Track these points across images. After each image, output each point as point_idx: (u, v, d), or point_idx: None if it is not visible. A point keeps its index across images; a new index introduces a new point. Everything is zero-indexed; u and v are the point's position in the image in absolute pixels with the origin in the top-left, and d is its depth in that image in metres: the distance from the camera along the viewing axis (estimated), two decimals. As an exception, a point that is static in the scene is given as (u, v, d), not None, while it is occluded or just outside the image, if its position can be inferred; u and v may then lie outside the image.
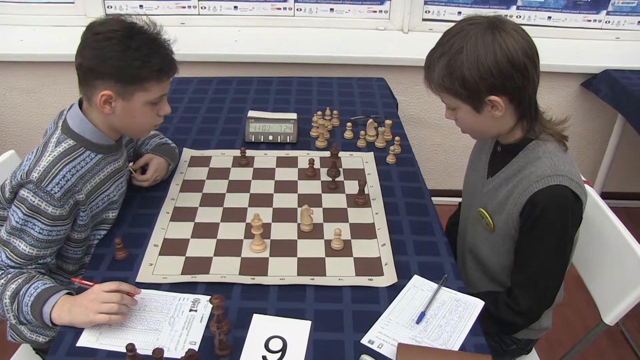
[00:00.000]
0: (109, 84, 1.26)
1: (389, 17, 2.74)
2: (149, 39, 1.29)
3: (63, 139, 1.32)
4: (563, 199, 1.24)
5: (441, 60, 1.24)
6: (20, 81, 2.64)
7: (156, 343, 1.14)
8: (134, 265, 1.33)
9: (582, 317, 2.29)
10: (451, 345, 1.15)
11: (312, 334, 1.17)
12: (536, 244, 1.29)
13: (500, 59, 1.18)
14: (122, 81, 1.26)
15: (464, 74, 1.20)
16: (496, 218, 1.37)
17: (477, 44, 1.19)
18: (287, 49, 2.56)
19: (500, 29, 1.20)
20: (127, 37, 1.25)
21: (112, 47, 1.23)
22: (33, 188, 1.25)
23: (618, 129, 2.67)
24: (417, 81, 2.66)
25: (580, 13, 2.70)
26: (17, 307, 1.22)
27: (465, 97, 1.25)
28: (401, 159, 1.79)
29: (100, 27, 1.26)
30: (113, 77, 1.25)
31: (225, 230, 1.46)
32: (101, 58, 1.24)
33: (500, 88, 1.21)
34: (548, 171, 1.25)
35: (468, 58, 1.19)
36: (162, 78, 1.32)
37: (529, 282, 1.33)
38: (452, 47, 1.22)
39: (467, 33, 1.21)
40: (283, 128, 1.86)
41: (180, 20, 2.71)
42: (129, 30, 1.26)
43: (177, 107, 2.10)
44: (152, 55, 1.27)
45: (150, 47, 1.28)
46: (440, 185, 3.01)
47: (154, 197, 1.58)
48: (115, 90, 1.26)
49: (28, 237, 1.27)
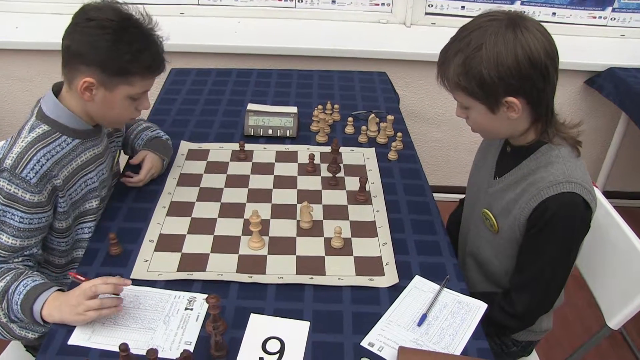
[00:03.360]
0: (93, 72, 1.23)
1: (391, 10, 2.71)
2: (143, 33, 1.26)
3: (37, 124, 1.29)
4: (573, 206, 1.20)
5: (457, 57, 1.18)
6: (15, 70, 2.60)
7: (150, 342, 1.11)
8: (128, 261, 1.30)
9: (582, 317, 2.27)
10: (453, 349, 1.13)
11: (310, 335, 1.14)
12: (540, 249, 1.26)
13: (522, 59, 1.13)
14: (108, 72, 1.24)
15: (482, 73, 1.15)
16: (501, 220, 1.33)
17: (497, 42, 1.13)
18: (287, 41, 2.53)
19: (521, 26, 1.14)
20: (121, 28, 1.22)
21: (104, 37, 1.21)
22: (7, 176, 1.22)
23: (621, 127, 2.64)
24: (418, 76, 2.63)
25: (586, 10, 2.66)
26: (6, 306, 1.19)
27: (481, 97, 1.20)
28: (403, 155, 1.76)
29: (94, 13, 1.23)
30: (99, 66, 1.23)
31: (223, 227, 1.42)
32: (91, 45, 1.21)
33: (518, 89, 1.16)
34: (560, 177, 1.20)
35: (487, 56, 1.13)
36: (149, 76, 1.31)
37: (527, 287, 1.30)
38: (470, 44, 1.16)
39: (486, 30, 1.15)
40: (283, 122, 1.83)
41: (180, 10, 2.67)
42: (124, 21, 1.23)
43: (174, 98, 2.06)
44: (143, 52, 1.25)
45: (143, 43, 1.25)
46: (440, 181, 2.98)
47: (150, 191, 1.54)
48: (98, 79, 1.24)
49: (9, 228, 1.24)
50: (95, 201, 1.42)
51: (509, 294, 1.33)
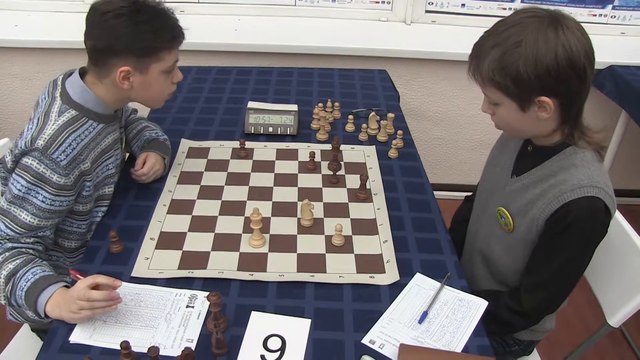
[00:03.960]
0: (125, 60, 1.29)
1: (392, 8, 2.70)
2: (155, 11, 1.31)
3: (65, 109, 1.31)
4: (595, 211, 1.19)
5: (494, 51, 1.14)
6: (15, 68, 2.59)
7: (152, 340, 1.11)
8: (129, 259, 1.30)
9: (582, 316, 2.27)
10: (454, 346, 1.13)
11: (311, 332, 1.14)
12: (557, 251, 1.25)
13: (561, 59, 1.09)
14: (138, 55, 1.29)
15: (519, 70, 1.11)
16: (518, 220, 1.31)
17: (538, 39, 1.09)
18: (288, 39, 2.52)
19: (563, 25, 1.10)
20: (134, 11, 1.27)
21: (123, 24, 1.26)
22: (38, 155, 1.24)
23: (621, 125, 2.63)
24: (419, 73, 2.63)
25: (586, 7, 2.66)
26: (10, 289, 1.19)
27: (513, 94, 1.16)
28: (403, 153, 1.76)
29: (106, 7, 1.27)
30: (129, 52, 1.28)
31: (224, 224, 1.42)
32: (114, 35, 1.26)
33: (554, 90, 1.13)
34: (585, 181, 1.18)
35: (526, 53, 1.10)
36: (174, 46, 1.36)
37: (539, 287, 1.30)
38: (509, 39, 1.12)
39: (527, 26, 1.11)
40: (283, 120, 1.83)
41: (180, 8, 2.66)
42: (134, 4, 1.28)
43: (175, 96, 2.05)
44: (161, 26, 1.31)
45: (159, 18, 1.31)
46: (440, 179, 2.98)
47: (151, 189, 1.54)
48: (132, 64, 1.30)
49: (30, 206, 1.25)
50: (110, 187, 1.46)
51: (517, 292, 1.32)
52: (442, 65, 2.57)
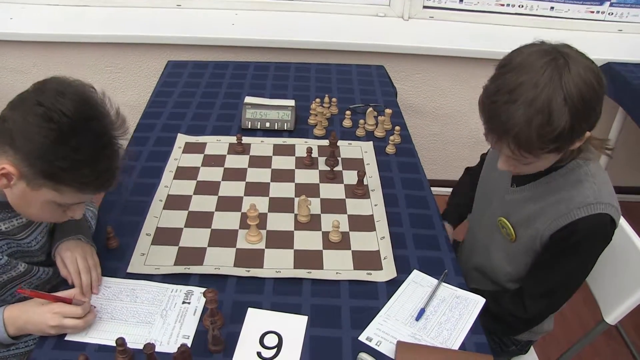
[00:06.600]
0: (16, 161, 0.99)
1: (389, 4, 2.69)
2: (97, 143, 1.01)
3: None
4: (603, 227, 1.20)
5: (533, 123, 1.05)
6: (9, 61, 2.57)
7: (148, 337, 1.10)
8: (125, 255, 1.29)
9: (578, 313, 2.27)
10: (451, 343, 1.12)
11: (308, 329, 1.14)
12: (562, 264, 1.26)
13: (588, 99, 1.05)
14: (34, 169, 0.99)
15: (561, 128, 1.04)
16: (520, 231, 1.31)
17: (559, 89, 1.04)
18: (285, 33, 2.51)
19: (569, 62, 1.06)
20: (71, 129, 0.97)
21: (45, 132, 0.96)
22: None
23: (618, 122, 2.63)
24: (416, 69, 2.62)
25: (584, 4, 2.65)
26: None
27: (555, 150, 1.11)
28: (401, 149, 1.75)
29: (50, 99, 0.98)
30: (26, 159, 0.99)
31: (220, 220, 1.42)
32: (26, 133, 0.97)
33: (590, 126, 1.11)
34: (591, 198, 1.18)
35: (559, 111, 1.03)
36: (85, 192, 1.06)
37: (544, 295, 1.31)
38: (536, 100, 1.04)
39: (539, 77, 1.05)
40: (280, 115, 1.82)
41: (177, 2, 2.64)
42: (80, 121, 0.99)
43: (171, 91, 2.05)
44: (86, 165, 1.00)
45: (92, 155, 1.00)
46: (437, 175, 2.98)
47: (147, 184, 1.53)
48: (21, 171, 1.00)
49: None
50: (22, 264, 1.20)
51: (519, 297, 1.32)
52: (440, 61, 2.56)
